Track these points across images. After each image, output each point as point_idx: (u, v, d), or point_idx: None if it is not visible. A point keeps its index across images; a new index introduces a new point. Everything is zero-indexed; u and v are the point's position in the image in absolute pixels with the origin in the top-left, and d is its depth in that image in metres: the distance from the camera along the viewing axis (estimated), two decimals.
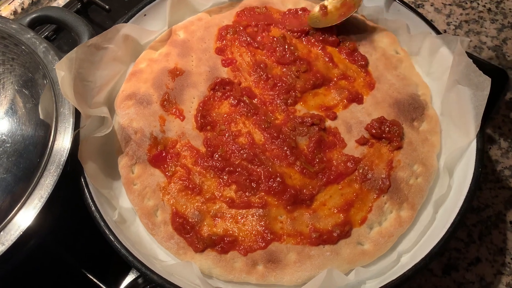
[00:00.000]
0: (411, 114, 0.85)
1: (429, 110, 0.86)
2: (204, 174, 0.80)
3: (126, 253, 0.69)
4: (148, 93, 0.88)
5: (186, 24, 0.98)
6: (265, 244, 0.74)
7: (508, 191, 0.94)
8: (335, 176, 0.79)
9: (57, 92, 0.75)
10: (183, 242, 0.76)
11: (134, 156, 0.82)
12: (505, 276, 0.86)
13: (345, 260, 0.73)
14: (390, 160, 0.81)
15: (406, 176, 0.79)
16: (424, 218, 0.77)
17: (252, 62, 0.92)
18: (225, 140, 0.83)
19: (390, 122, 0.83)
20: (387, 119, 0.83)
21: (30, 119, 0.71)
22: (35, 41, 0.79)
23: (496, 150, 0.98)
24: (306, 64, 0.91)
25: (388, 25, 0.96)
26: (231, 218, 0.77)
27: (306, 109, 0.87)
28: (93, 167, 0.78)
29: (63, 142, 0.72)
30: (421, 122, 0.85)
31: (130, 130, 0.83)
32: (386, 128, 0.82)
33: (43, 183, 0.68)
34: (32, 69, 0.75)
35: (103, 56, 0.86)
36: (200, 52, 0.93)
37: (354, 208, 0.77)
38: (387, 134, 0.82)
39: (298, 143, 0.83)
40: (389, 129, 0.82)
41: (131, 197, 0.80)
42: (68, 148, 0.72)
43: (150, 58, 0.93)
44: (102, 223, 0.72)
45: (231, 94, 0.88)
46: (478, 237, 0.89)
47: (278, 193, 0.77)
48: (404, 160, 0.80)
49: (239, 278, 0.73)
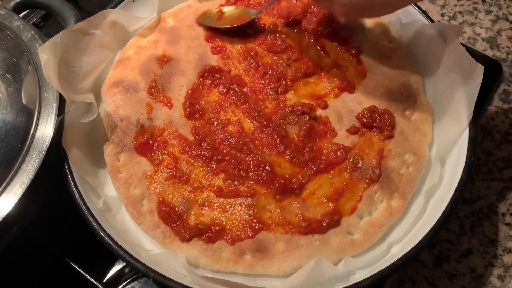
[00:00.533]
0: (402, 103, 0.83)
1: (421, 99, 0.84)
2: (191, 163, 0.79)
3: (110, 241, 0.68)
4: (135, 80, 0.86)
5: (176, 11, 0.96)
6: (253, 234, 0.73)
7: (501, 183, 0.93)
8: (325, 165, 0.78)
9: (41, 77, 0.73)
10: (169, 231, 0.74)
11: (120, 144, 0.80)
12: (497, 268, 0.85)
13: (334, 250, 0.72)
14: (381, 150, 0.79)
15: (397, 166, 0.78)
16: (415, 208, 0.76)
17: (242, 50, 0.90)
18: (213, 129, 0.82)
19: (381, 111, 0.81)
20: (378, 108, 0.82)
21: (12, 104, 0.69)
22: (20, 27, 0.77)
23: (489, 142, 0.97)
24: (297, 52, 0.89)
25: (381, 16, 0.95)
26: (219, 207, 0.75)
27: (296, 98, 0.86)
28: (77, 154, 0.76)
29: (46, 128, 0.71)
30: (413, 112, 0.83)
31: (116, 117, 0.82)
32: (377, 117, 0.81)
33: (25, 169, 0.66)
34: (16, 54, 0.74)
35: (89, 42, 0.85)
36: (189, 39, 0.92)
37: (343, 197, 0.75)
38: (378, 123, 0.81)
39: (288, 132, 0.81)
40: (380, 118, 0.81)
41: (117, 185, 0.78)
42: (51, 134, 0.70)
43: (138, 45, 0.92)
44: (86, 210, 0.70)
45: (221, 82, 0.86)
46: (469, 229, 0.88)
47: (267, 182, 0.76)
48: (395, 150, 0.79)
49: (226, 267, 0.72)
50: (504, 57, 1.08)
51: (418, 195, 0.77)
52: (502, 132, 0.98)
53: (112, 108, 0.83)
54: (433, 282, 0.83)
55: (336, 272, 0.68)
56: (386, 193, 0.76)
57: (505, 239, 0.87)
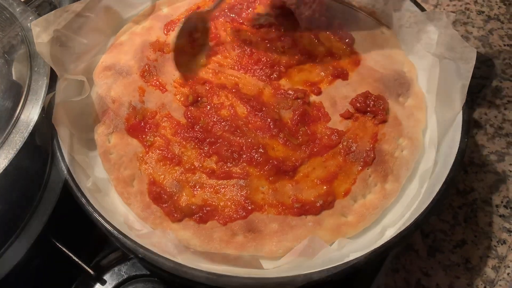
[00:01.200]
0: (396, 89, 0.83)
1: (415, 87, 0.85)
2: (184, 145, 0.78)
3: (99, 217, 0.66)
4: (128, 64, 0.86)
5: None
6: (245, 214, 0.71)
7: (494, 175, 0.92)
8: (319, 148, 0.77)
9: (32, 53, 0.73)
10: (160, 212, 0.72)
11: (111, 125, 0.79)
12: (491, 259, 0.84)
13: (328, 231, 0.70)
14: (375, 133, 0.79)
15: (391, 149, 0.77)
16: (409, 193, 0.75)
17: (236, 37, 0.90)
18: (206, 112, 0.81)
19: (375, 97, 0.81)
20: (372, 94, 0.82)
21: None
22: (13, 2, 0.76)
23: (482, 136, 0.97)
24: (291, 40, 0.89)
25: (374, 5, 0.95)
26: (211, 188, 0.74)
27: (290, 84, 0.85)
28: (67, 133, 0.75)
29: (35, 105, 0.69)
30: (407, 98, 0.83)
31: (108, 99, 0.81)
32: (371, 102, 0.81)
33: (11, 141, 0.64)
34: (7, 29, 0.72)
35: (82, 25, 0.85)
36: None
37: (337, 180, 0.75)
38: (372, 108, 0.80)
39: (281, 116, 0.81)
40: (374, 103, 0.81)
41: (107, 166, 0.77)
42: (39, 111, 0.68)
43: (132, 31, 0.92)
44: (74, 186, 0.68)
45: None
46: (463, 220, 0.87)
47: (260, 164, 0.75)
48: (389, 133, 0.79)
49: (217, 248, 0.70)
50: (496, 55, 1.09)
51: (413, 180, 0.77)
52: (495, 126, 0.98)
53: (104, 90, 0.82)
54: (426, 272, 0.82)
55: (329, 251, 0.67)
56: (380, 176, 0.75)
57: (499, 230, 0.86)
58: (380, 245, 0.64)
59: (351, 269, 0.63)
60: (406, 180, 0.76)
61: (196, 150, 0.77)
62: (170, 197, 0.73)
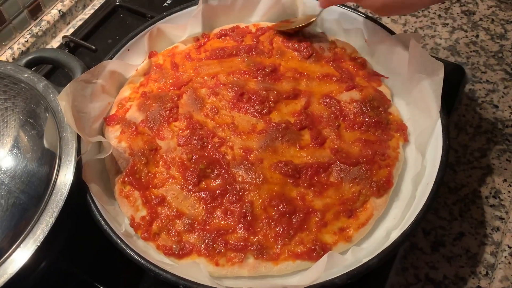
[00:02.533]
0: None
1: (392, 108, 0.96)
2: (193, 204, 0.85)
3: (139, 258, 0.74)
4: (133, 116, 0.94)
5: (164, 53, 1.07)
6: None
7: (480, 170, 1.02)
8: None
9: (58, 120, 0.81)
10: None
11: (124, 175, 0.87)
12: (489, 246, 0.92)
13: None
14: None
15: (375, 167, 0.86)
16: (405, 196, 0.84)
17: (228, 81, 0.99)
18: (208, 151, 0.89)
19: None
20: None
21: (34, 149, 0.76)
22: (34, 79, 0.85)
23: (464, 136, 1.07)
24: (276, 77, 0.99)
25: (346, 36, 1.06)
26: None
27: (280, 117, 0.94)
28: (96, 187, 0.83)
29: (68, 169, 0.78)
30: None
31: (120, 149, 0.89)
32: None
33: (49, 208, 0.73)
34: (34, 103, 0.82)
35: (93, 90, 0.93)
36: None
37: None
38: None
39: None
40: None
41: (125, 210, 0.85)
42: (73, 173, 0.77)
43: (133, 85, 1.01)
44: (112, 234, 0.77)
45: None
46: (459, 214, 0.96)
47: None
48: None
49: (232, 272, 0.77)
50: (465, 61, 1.21)
51: (406, 184, 0.86)
52: (474, 125, 1.09)
53: (114, 142, 0.91)
54: (433, 266, 0.90)
55: (345, 262, 0.75)
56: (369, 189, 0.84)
57: (492, 219, 0.95)
58: (388, 245, 0.73)
59: (367, 270, 0.72)
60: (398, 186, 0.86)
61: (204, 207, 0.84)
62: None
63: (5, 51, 1.22)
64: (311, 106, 0.94)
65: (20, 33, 1.25)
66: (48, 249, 0.74)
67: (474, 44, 1.24)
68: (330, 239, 0.79)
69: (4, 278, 0.67)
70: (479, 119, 1.10)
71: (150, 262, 0.74)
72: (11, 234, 0.70)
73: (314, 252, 0.77)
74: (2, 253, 0.70)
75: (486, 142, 1.06)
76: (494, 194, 0.98)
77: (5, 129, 0.77)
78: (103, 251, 0.83)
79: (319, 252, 0.77)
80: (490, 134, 1.07)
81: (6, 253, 0.70)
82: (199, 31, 1.09)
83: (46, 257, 0.76)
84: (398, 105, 0.97)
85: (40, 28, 1.26)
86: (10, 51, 1.21)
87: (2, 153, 0.75)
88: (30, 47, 1.24)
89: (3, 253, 0.70)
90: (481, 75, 1.18)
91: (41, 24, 1.27)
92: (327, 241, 0.79)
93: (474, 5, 1.33)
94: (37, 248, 0.70)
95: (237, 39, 1.07)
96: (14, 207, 0.71)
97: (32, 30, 1.25)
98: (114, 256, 0.82)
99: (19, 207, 0.71)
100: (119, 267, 0.87)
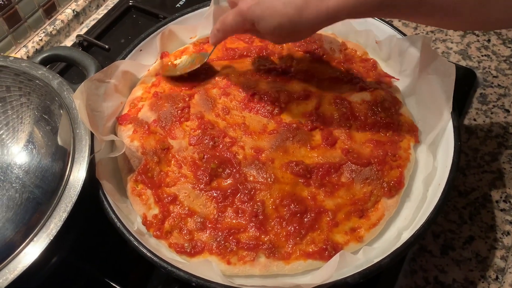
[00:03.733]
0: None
1: (403, 109, 0.95)
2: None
3: (152, 255, 0.74)
4: (146, 116, 0.95)
5: (176, 53, 1.08)
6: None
7: (491, 174, 1.02)
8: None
9: (72, 117, 0.83)
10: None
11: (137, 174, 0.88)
12: (499, 250, 0.92)
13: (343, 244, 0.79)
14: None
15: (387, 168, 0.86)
16: (416, 197, 0.84)
17: (239, 82, 0.99)
18: (220, 150, 0.90)
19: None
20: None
21: (48, 145, 0.77)
22: (49, 75, 0.87)
23: (474, 140, 1.07)
24: (286, 78, 1.00)
25: (357, 38, 1.07)
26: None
27: (291, 117, 0.94)
28: (109, 185, 0.84)
29: (81, 166, 0.79)
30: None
31: (133, 148, 0.90)
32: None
33: (62, 204, 0.74)
34: (48, 99, 0.83)
35: (106, 89, 0.95)
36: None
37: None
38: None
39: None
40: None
41: (137, 208, 0.85)
42: (86, 172, 0.78)
43: (145, 85, 1.02)
44: (126, 231, 0.77)
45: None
46: (469, 218, 0.96)
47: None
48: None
49: (244, 271, 0.78)
50: (476, 65, 1.21)
51: (417, 185, 0.86)
52: (485, 130, 1.09)
53: (127, 141, 0.92)
54: (442, 269, 0.90)
55: (357, 261, 0.75)
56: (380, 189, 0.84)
57: (502, 223, 0.95)
58: (400, 245, 0.73)
59: (379, 269, 0.72)
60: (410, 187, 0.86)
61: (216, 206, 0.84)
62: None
63: (20, 49, 1.23)
64: (322, 107, 0.94)
65: (34, 32, 1.26)
66: (60, 244, 0.75)
67: (486, 49, 1.24)
68: (341, 239, 0.80)
69: (18, 271, 0.68)
70: (490, 123, 1.09)
71: (163, 259, 0.74)
72: (25, 228, 0.71)
73: (326, 251, 0.78)
74: (16, 246, 0.71)
75: (497, 146, 1.06)
76: (505, 198, 0.98)
77: (20, 125, 0.78)
78: (114, 248, 0.84)
79: (330, 251, 0.77)
80: (501, 138, 1.07)
81: (19, 246, 0.71)
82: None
83: (58, 252, 0.77)
84: (409, 106, 0.96)
85: (54, 27, 1.28)
86: (24, 49, 1.23)
87: (17, 148, 0.76)
88: (44, 46, 1.26)
89: (17, 247, 0.71)
90: (492, 79, 1.17)
91: (55, 23, 1.29)
92: (339, 240, 0.79)
93: None
94: (50, 242, 0.71)
95: (247, 41, 1.07)
96: (28, 201, 0.72)
97: (47, 29, 1.27)
98: (125, 253, 0.83)
99: (33, 202, 0.72)
100: (129, 263, 0.88)
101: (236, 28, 0.84)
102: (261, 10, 0.76)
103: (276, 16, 0.75)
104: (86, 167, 0.78)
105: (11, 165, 0.73)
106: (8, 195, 0.71)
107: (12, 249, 0.70)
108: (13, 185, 0.72)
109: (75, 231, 0.79)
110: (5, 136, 0.76)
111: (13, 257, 0.70)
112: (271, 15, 0.75)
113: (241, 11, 0.79)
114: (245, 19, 0.80)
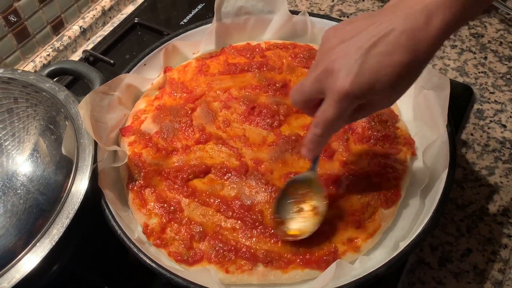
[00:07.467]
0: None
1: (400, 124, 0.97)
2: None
3: (152, 263, 0.76)
4: (148, 128, 0.98)
5: (178, 68, 1.10)
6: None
7: (488, 188, 1.03)
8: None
9: (77, 127, 0.85)
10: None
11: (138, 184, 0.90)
12: (496, 263, 0.93)
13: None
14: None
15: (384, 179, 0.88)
16: (413, 209, 0.86)
17: (240, 95, 1.02)
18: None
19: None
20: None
21: (52, 154, 0.80)
22: (55, 88, 0.89)
23: (471, 154, 1.09)
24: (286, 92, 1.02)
25: None
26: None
27: (290, 130, 0.96)
28: (110, 194, 0.86)
29: (84, 175, 0.81)
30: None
31: (134, 158, 0.92)
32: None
33: (63, 214, 0.76)
34: (54, 110, 0.85)
35: (110, 101, 0.97)
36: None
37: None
38: None
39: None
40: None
41: (138, 216, 0.87)
42: (89, 180, 0.80)
43: (149, 99, 1.05)
44: (126, 239, 0.79)
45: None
46: (466, 231, 0.97)
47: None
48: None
49: (241, 280, 0.79)
50: (473, 81, 1.23)
51: (414, 196, 0.87)
52: (482, 144, 1.10)
53: (129, 151, 0.94)
54: (440, 281, 0.90)
55: (354, 271, 0.76)
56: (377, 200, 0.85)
57: (499, 236, 0.96)
58: (396, 254, 0.74)
59: (375, 278, 0.73)
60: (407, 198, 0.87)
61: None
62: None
63: (28, 64, 1.27)
64: None
65: (42, 47, 1.30)
66: (62, 250, 0.76)
67: (483, 66, 1.26)
68: (338, 248, 0.81)
69: (20, 275, 0.70)
70: (487, 137, 1.11)
71: (163, 267, 0.75)
72: (28, 234, 0.73)
73: (323, 261, 0.79)
74: (18, 252, 0.73)
75: (494, 161, 1.07)
76: (502, 211, 0.99)
77: (26, 134, 0.80)
78: (115, 256, 0.85)
79: (328, 261, 0.78)
80: (498, 152, 1.08)
81: (22, 252, 0.72)
82: (213, 48, 1.13)
83: (60, 259, 0.79)
84: (406, 120, 0.98)
85: (62, 43, 1.32)
86: (32, 64, 1.27)
87: (23, 157, 0.78)
88: (51, 61, 1.29)
89: (19, 253, 0.72)
90: (489, 95, 1.19)
91: (62, 39, 1.33)
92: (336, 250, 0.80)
93: (482, 28, 1.36)
94: (52, 248, 0.72)
95: (248, 56, 1.10)
96: (31, 208, 0.74)
97: (54, 45, 1.31)
98: (125, 261, 0.84)
99: (36, 208, 0.74)
100: (130, 272, 0.89)
101: (342, 120, 0.65)
102: (369, 73, 0.59)
103: (389, 67, 0.60)
104: (89, 176, 0.80)
105: (16, 172, 0.75)
106: (12, 201, 0.73)
107: (14, 255, 0.72)
108: (17, 191, 0.74)
109: (76, 238, 0.80)
110: (11, 146, 0.79)
111: (15, 262, 0.72)
112: (381, 71, 0.60)
113: (345, 93, 0.60)
114: (352, 102, 0.61)
